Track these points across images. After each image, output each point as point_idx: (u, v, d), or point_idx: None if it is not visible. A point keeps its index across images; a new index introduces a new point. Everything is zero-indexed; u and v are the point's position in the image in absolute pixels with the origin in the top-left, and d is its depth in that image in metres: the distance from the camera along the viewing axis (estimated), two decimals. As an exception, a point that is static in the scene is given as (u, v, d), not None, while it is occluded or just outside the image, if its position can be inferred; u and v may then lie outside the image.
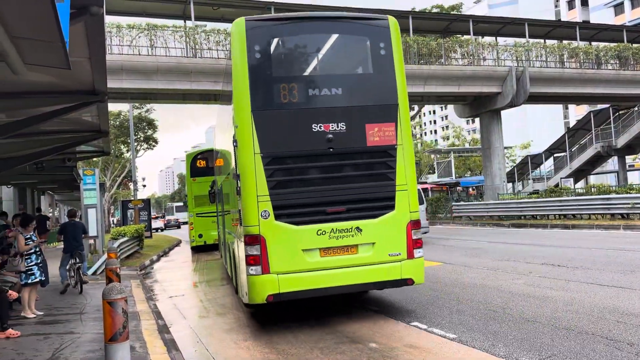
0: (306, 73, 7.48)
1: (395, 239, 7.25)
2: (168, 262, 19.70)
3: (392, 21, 7.64)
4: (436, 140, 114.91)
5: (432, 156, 61.88)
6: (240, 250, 7.56)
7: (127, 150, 43.08)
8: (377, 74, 7.54)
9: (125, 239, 18.53)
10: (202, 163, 25.47)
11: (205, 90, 23.46)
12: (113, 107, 50.64)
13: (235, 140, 7.18)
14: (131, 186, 42.67)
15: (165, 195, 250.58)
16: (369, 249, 7.13)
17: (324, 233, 7.02)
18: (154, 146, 42.71)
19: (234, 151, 7.27)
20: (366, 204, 7.19)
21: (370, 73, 7.56)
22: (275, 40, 7.41)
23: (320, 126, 7.17)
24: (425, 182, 54.61)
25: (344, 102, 7.28)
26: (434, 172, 54.90)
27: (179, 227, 62.09)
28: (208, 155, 23.48)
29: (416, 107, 41.03)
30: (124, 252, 18.12)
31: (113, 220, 68.62)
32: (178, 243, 30.03)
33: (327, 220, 7.06)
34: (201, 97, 24.98)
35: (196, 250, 25.78)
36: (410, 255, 7.27)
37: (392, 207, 7.27)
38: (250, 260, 6.90)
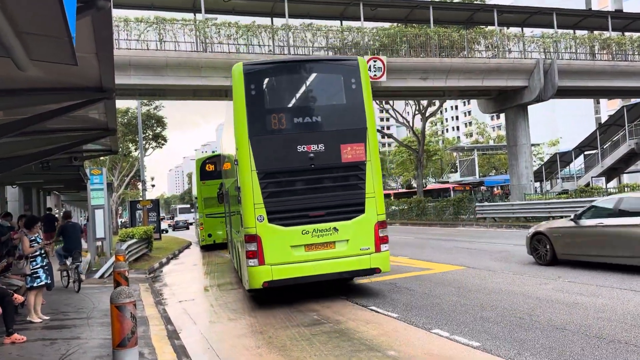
0: (292, 105, 10.24)
1: (365, 236, 9.89)
2: (178, 265, 19.88)
3: (361, 61, 10.50)
4: (458, 137, 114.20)
5: (454, 154, 61.49)
6: (242, 246, 10.38)
7: (136, 149, 43.51)
8: (349, 103, 10.30)
9: (134, 240, 18.70)
10: (211, 167, 27.25)
11: (216, 86, 23.57)
12: (121, 104, 51.01)
13: (236, 160, 10.05)
14: (139, 186, 43.09)
15: (174, 195, 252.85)
16: (344, 245, 9.79)
17: (307, 232, 9.70)
18: (163, 144, 43.09)
19: (235, 169, 10.23)
20: (341, 209, 9.84)
21: (344, 103, 10.32)
22: (267, 79, 10.28)
23: (303, 147, 9.90)
24: (447, 182, 54.25)
25: (322, 127, 10.05)
26: (456, 171, 54.50)
27: (187, 228, 63.67)
28: (216, 159, 25.29)
29: (437, 102, 40.75)
30: (132, 255, 18.30)
31: (121, 221, 69.47)
32: (188, 245, 30.26)
33: (310, 222, 9.71)
34: (212, 93, 25.11)
35: (206, 249, 27.45)
36: (378, 249, 9.94)
37: (362, 211, 9.93)
38: (249, 255, 9.60)
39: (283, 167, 10.02)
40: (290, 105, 10.63)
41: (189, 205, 77.86)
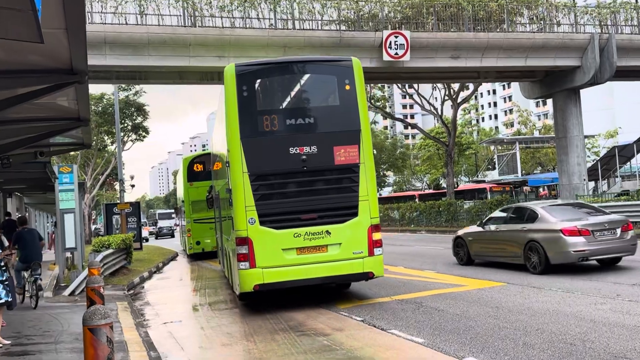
0: (284, 106, 12.17)
1: (358, 240, 11.59)
2: (162, 280, 19.96)
3: (355, 61, 12.18)
4: (496, 128, 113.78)
5: (492, 148, 61.29)
6: (233, 250, 12.21)
7: (112, 142, 43.83)
8: (343, 105, 12.10)
9: (110, 251, 18.83)
10: (199, 167, 28.29)
11: (207, 67, 23.59)
12: (94, 89, 51.37)
13: (227, 162, 11.81)
14: (117, 186, 43.36)
15: (157, 197, 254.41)
16: (336, 248, 11.49)
17: (299, 235, 11.44)
18: (144, 137, 43.34)
19: (227, 170, 12.04)
20: (334, 212, 11.55)
21: (337, 105, 12.16)
22: (259, 81, 12.16)
23: (296, 149, 11.63)
24: (483, 181, 54.06)
25: (315, 129, 11.81)
26: (494, 168, 54.31)
27: (172, 235, 65.06)
28: (205, 158, 25.63)
29: (471, 86, 40.65)
30: (109, 268, 18.43)
31: (95, 228, 69.72)
32: (174, 256, 30.40)
33: (302, 225, 11.42)
34: (202, 76, 25.16)
35: (194, 258, 28.96)
36: (371, 253, 11.62)
37: (355, 214, 11.63)
38: (240, 258, 11.31)
39: (275, 169, 11.76)
40: (282, 106, 12.54)
41: (171, 210, 78.98)
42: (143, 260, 26.04)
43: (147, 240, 50.64)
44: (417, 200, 51.89)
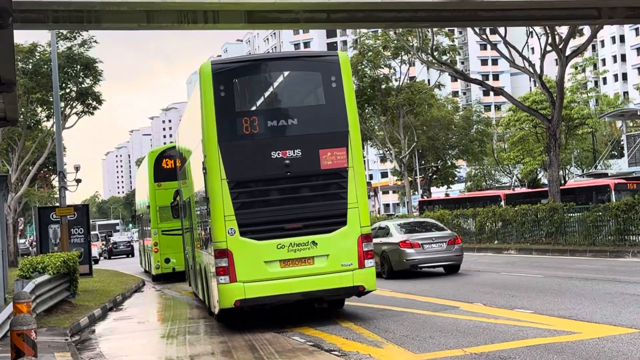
0: (265, 107, 16.15)
1: (347, 251, 15.25)
2: (122, 321, 20.14)
3: (342, 56, 15.88)
4: (625, 94, 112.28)
5: (619, 124, 60.58)
6: (211, 263, 15.74)
7: (48, 117, 44.24)
8: (329, 104, 15.91)
9: (46, 277, 19.00)
10: (170, 163, 30.26)
11: (188, 2, 23.63)
12: (22, 36, 51.89)
13: (204, 168, 15.50)
14: (55, 182, 43.77)
15: (115, 198, 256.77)
16: (324, 260, 15.04)
17: (283, 247, 14.98)
18: (94, 109, 43.72)
19: (204, 177, 15.56)
20: (321, 221, 15.03)
21: (323, 104, 16.07)
22: (238, 79, 15.92)
23: (278, 153, 15.21)
24: (605, 174, 53.42)
25: (299, 131, 15.53)
26: (621, 155, 53.71)
27: (132, 253, 68.11)
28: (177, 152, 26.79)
29: (587, 31, 40.19)
30: (44, 302, 18.60)
31: (26, 243, 70.76)
32: (139, 286, 30.66)
33: (285, 236, 14.98)
34: (181, 16, 25.18)
35: (163, 280, 31.48)
36: (362, 265, 15.36)
37: (344, 223, 15.25)
38: (220, 271, 14.84)
39: (256, 176, 15.47)
40: (263, 107, 16.42)
41: (116, 222, 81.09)
42: (94, 291, 26.30)
43: (96, 261, 51.08)
44: (502, 203, 51.53)
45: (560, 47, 37.30)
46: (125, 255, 69.39)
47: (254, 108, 16.60)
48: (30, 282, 17.53)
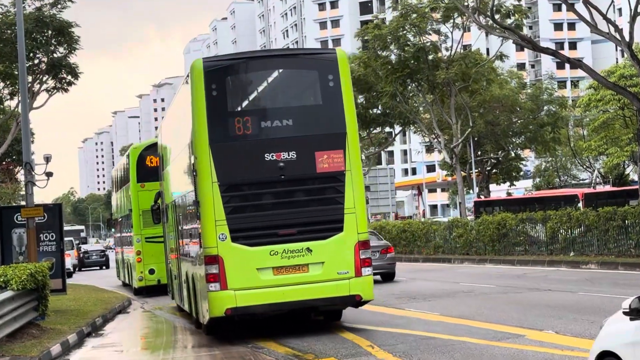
0: (259, 107, 19.02)
1: (343, 258, 17.88)
2: (102, 349, 20.31)
3: (340, 53, 18.45)
4: None
5: None
6: (200, 271, 18.38)
7: (12, 95, 44.36)
8: (326, 104, 18.55)
9: (8, 294, 19.08)
10: (156, 161, 31.66)
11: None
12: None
13: (194, 170, 17.95)
14: (20, 175, 44.00)
15: (95, 196, 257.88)
16: (319, 268, 17.62)
17: (276, 253, 17.53)
18: (69, 84, 43.76)
19: (194, 180, 18.20)
20: (316, 227, 17.60)
21: (320, 104, 18.76)
22: (230, 78, 18.60)
23: (272, 155, 17.76)
24: None
25: (294, 132, 18.13)
26: None
27: (106, 265, 72.05)
28: None
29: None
30: (6, 325, 18.63)
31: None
32: (124, 305, 30.81)
33: (279, 242, 17.58)
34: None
35: (145, 294, 33.85)
36: (358, 273, 17.99)
37: (340, 229, 17.84)
38: (210, 278, 17.31)
39: (249, 179, 18.33)
40: (257, 107, 19.62)
41: (80, 227, 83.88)
42: (68, 311, 26.44)
43: (70, 275, 51.50)
44: (580, 204, 51.29)
45: (654, 8, 37.02)
46: (98, 267, 71.86)
47: (247, 108, 19.69)
48: (-12, 299, 17.59)
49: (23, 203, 34.29)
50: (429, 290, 27.98)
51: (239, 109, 19.31)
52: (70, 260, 55.63)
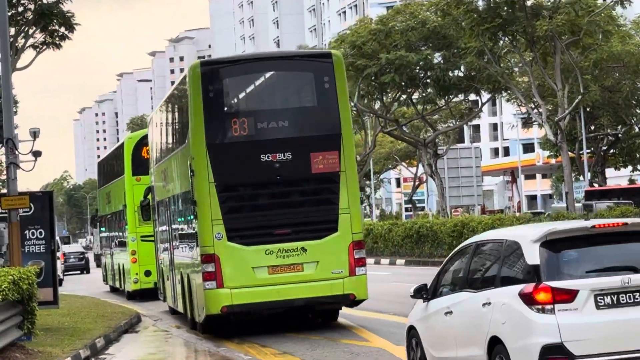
0: (255, 108, 26.05)
1: (338, 258, 23.95)
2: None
3: (336, 55, 25.31)
4: None
5: None
6: (196, 269, 24.88)
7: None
8: (321, 106, 25.25)
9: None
10: None
11: None
12: None
13: (191, 170, 24.12)
14: (1, 155, 44.31)
15: (94, 181, 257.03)
16: (313, 267, 23.87)
17: (271, 253, 23.72)
18: (63, 38, 43.99)
19: (191, 179, 24.34)
20: (311, 226, 24.08)
21: (315, 106, 25.64)
22: (227, 80, 25.39)
23: (268, 156, 23.87)
24: None
25: (290, 134, 24.74)
26: None
27: (86, 269, 78.19)
28: None
29: None
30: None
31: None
32: (132, 322, 30.95)
33: (274, 241, 23.81)
34: None
35: (139, 298, 39.28)
36: (352, 273, 23.99)
37: (335, 229, 23.96)
38: (206, 277, 23.58)
39: (245, 179, 23.83)
40: (253, 108, 25.32)
41: (92, 219, 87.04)
42: (61, 329, 26.61)
43: (60, 282, 52.19)
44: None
45: None
46: (79, 271, 76.24)
47: (243, 109, 25.92)
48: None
49: (4, 191, 34.35)
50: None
51: (236, 110, 25.61)
52: (60, 265, 56.27)
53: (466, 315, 14.61)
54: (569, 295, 12.80)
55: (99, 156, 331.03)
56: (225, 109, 24.66)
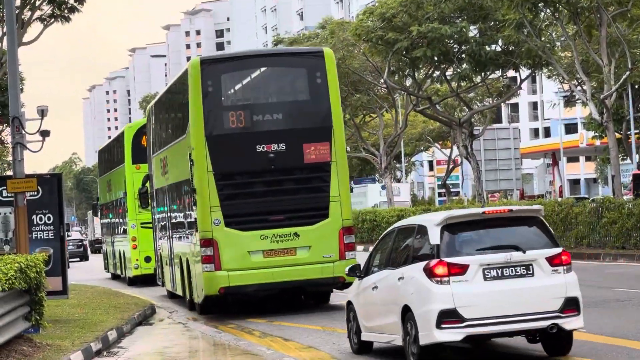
0: (251, 102, 32.37)
1: (329, 243, 29.61)
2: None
3: (327, 52, 31.44)
4: None
5: None
6: (195, 253, 30.83)
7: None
8: (314, 99, 31.23)
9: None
10: None
11: None
12: None
13: (191, 160, 30.03)
14: (6, 136, 44.39)
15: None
16: (305, 251, 29.65)
17: (266, 237, 29.47)
18: (73, 11, 43.96)
19: (190, 168, 30.32)
20: (303, 213, 29.76)
21: (308, 99, 31.69)
22: (225, 75, 31.37)
23: (263, 147, 29.66)
24: None
25: (284, 125, 30.83)
26: None
27: (85, 256, 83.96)
28: None
29: None
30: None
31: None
32: (146, 314, 31.03)
33: (269, 227, 29.63)
34: None
35: (140, 283, 44.59)
36: (342, 257, 29.39)
37: (326, 216, 29.67)
38: (205, 260, 29.35)
39: (241, 168, 29.21)
40: (249, 101, 31.14)
41: (94, 208, 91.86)
42: (70, 321, 26.79)
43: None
44: None
45: None
46: (78, 259, 79.89)
47: (240, 103, 31.07)
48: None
49: (9, 173, 34.37)
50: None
51: (233, 103, 30.84)
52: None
53: (387, 289, 18.73)
54: (461, 269, 16.77)
55: (109, 137, 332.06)
56: (223, 102, 29.98)
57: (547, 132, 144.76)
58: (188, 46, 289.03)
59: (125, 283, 50.64)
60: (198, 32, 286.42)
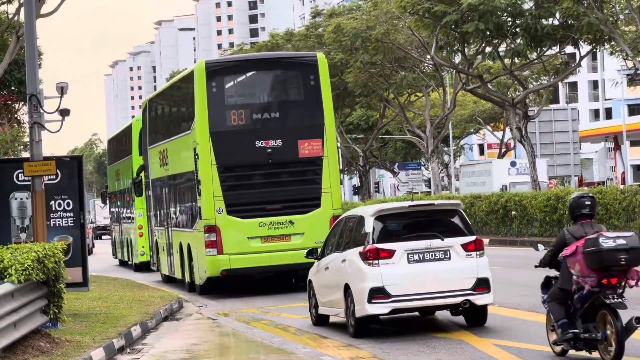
0: (251, 101, 42.88)
1: (320, 230, 35.34)
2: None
3: (320, 57, 40.43)
4: None
5: None
6: (198, 239, 39.37)
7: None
8: (307, 100, 40.65)
9: (7, 288, 19.31)
10: None
11: None
12: None
13: (196, 154, 38.72)
14: (23, 114, 44.60)
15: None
16: (299, 238, 38.18)
17: (264, 225, 38.10)
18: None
19: (195, 162, 39.02)
20: (298, 203, 38.66)
21: (302, 100, 41.49)
22: (228, 77, 41.66)
23: (261, 142, 38.39)
24: None
25: (280, 123, 40.37)
26: None
27: (90, 244, 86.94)
28: None
29: None
30: (3, 333, 18.79)
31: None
32: (172, 309, 31.16)
33: (266, 215, 38.38)
34: None
35: (146, 270, 50.80)
36: None
37: (318, 205, 38.52)
38: (208, 244, 37.85)
39: (242, 162, 37.37)
40: (249, 101, 41.12)
41: (102, 195, 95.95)
42: (90, 315, 26.90)
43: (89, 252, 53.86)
44: None
45: None
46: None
47: (241, 102, 38.45)
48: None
49: (26, 155, 34.35)
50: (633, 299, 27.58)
51: (234, 103, 38.30)
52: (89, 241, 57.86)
53: (334, 269, 24.26)
54: (389, 254, 22.13)
55: (133, 116, 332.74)
56: (226, 102, 37.34)
57: (609, 114, 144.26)
58: (219, 19, 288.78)
59: (132, 269, 58.90)
60: (229, 4, 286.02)
